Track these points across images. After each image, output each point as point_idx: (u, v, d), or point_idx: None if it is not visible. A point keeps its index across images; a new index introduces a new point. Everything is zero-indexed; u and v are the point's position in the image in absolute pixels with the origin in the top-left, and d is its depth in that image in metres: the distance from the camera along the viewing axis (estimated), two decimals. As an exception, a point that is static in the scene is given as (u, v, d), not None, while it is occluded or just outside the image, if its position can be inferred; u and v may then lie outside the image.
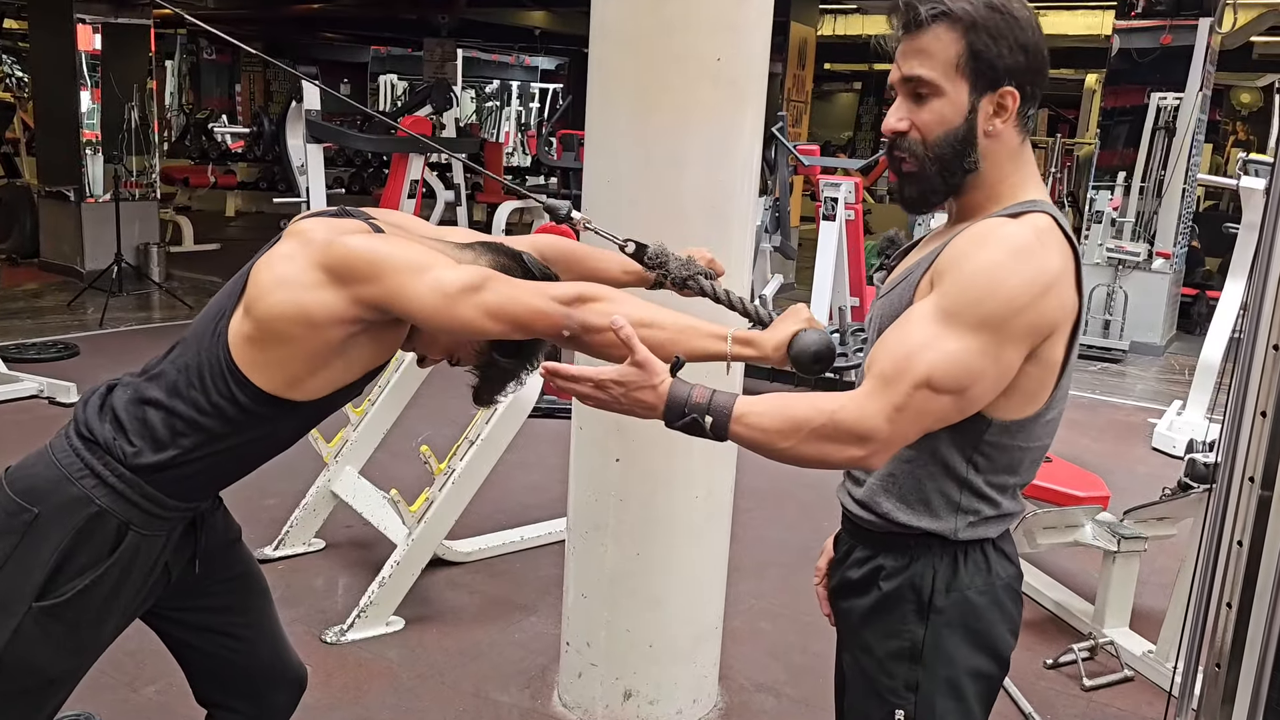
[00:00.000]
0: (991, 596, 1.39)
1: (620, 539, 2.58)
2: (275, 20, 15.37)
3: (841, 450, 1.25)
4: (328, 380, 1.53)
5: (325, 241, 1.46)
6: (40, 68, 9.57)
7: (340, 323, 1.45)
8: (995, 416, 1.32)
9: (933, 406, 1.24)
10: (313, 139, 7.09)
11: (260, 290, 1.46)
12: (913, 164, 1.34)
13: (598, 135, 2.48)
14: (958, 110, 1.30)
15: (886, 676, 1.41)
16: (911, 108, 1.33)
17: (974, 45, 1.28)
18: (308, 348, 1.46)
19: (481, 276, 1.43)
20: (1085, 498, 3.42)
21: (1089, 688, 3.04)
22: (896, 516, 1.38)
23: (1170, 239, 8.30)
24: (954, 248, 1.30)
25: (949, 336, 1.23)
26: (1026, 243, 1.26)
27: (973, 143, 1.31)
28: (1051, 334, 1.28)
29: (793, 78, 10.54)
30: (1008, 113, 1.32)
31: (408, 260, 1.43)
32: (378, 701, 2.80)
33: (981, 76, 1.29)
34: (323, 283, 1.43)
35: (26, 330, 6.91)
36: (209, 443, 1.51)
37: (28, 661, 1.48)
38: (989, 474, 1.36)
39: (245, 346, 1.47)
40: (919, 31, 1.30)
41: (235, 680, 1.79)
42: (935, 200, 1.37)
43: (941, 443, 1.33)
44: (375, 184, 13.02)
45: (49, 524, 1.47)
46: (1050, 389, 1.33)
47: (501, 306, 1.41)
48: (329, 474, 3.70)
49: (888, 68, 1.37)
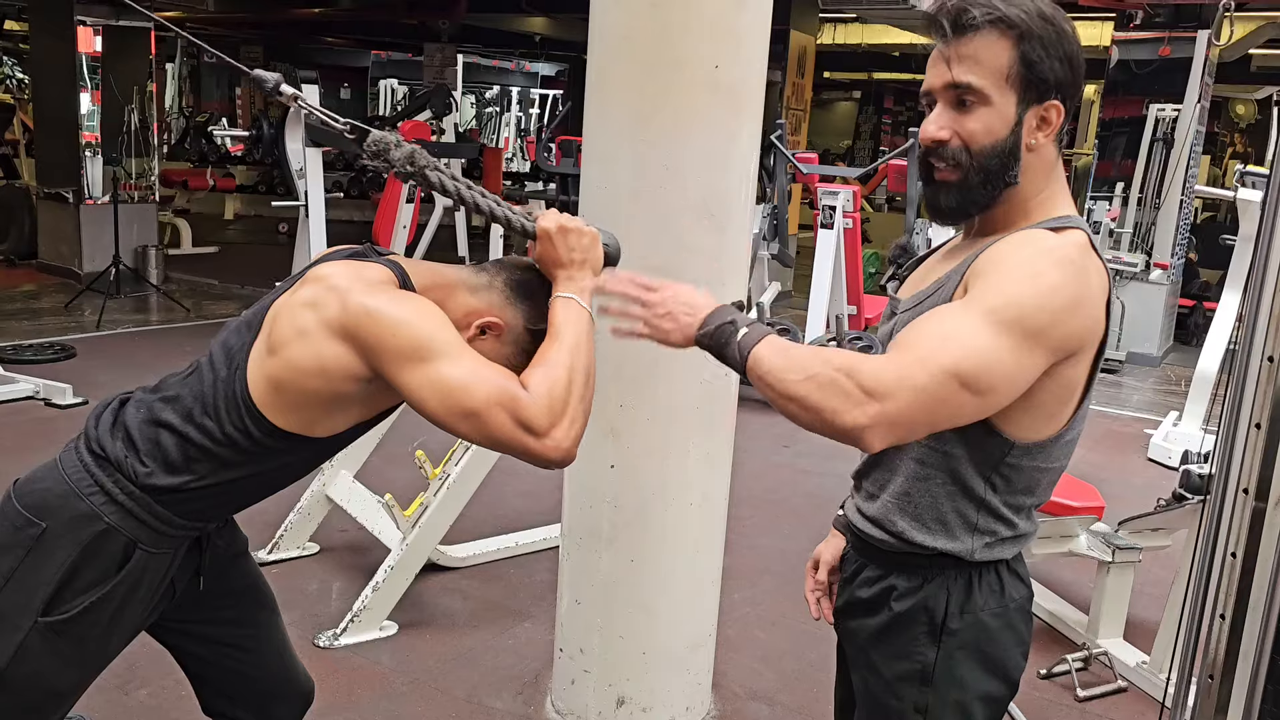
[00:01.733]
0: (1005, 619, 1.37)
1: (615, 545, 2.58)
2: (275, 24, 15.37)
3: (847, 405, 1.16)
4: (344, 420, 1.52)
5: (344, 296, 1.41)
6: (40, 69, 9.58)
7: (354, 379, 1.44)
8: (1017, 438, 1.29)
9: (955, 399, 1.18)
10: (312, 143, 7.09)
11: (282, 338, 1.45)
12: (954, 174, 1.29)
13: (595, 141, 2.49)
14: (1005, 121, 1.26)
15: (895, 699, 1.39)
16: (954, 116, 1.27)
17: (1027, 55, 1.24)
18: (323, 396, 1.46)
19: (484, 401, 1.36)
20: (1080, 508, 3.41)
21: (1082, 698, 3.03)
22: (912, 536, 1.34)
23: (1168, 250, 8.32)
24: (995, 252, 1.26)
25: (986, 332, 1.18)
26: (1069, 256, 1.23)
27: (1017, 156, 1.27)
28: (1077, 352, 1.25)
29: (792, 86, 10.55)
30: (1051, 127, 1.28)
31: (411, 343, 1.38)
32: (370, 707, 2.80)
33: (1031, 88, 1.25)
34: (338, 339, 1.41)
35: (24, 331, 6.90)
36: (221, 469, 1.49)
37: (33, 676, 1.47)
38: (1006, 495, 1.33)
39: (264, 386, 1.46)
40: (969, 36, 1.24)
41: (241, 691, 1.78)
42: (973, 212, 1.32)
43: (960, 462, 1.31)
44: (374, 188, 13.02)
45: (56, 539, 1.45)
46: (1072, 409, 1.30)
47: (494, 437, 1.38)
48: (324, 478, 3.70)
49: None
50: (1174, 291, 8.79)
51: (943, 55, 1.27)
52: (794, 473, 5.03)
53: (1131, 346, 8.28)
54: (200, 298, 8.48)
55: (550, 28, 14.09)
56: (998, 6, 1.23)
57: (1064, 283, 1.21)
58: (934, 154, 1.30)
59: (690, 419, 2.51)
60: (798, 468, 5.11)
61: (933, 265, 1.43)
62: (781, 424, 5.31)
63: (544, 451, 1.37)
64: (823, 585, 1.63)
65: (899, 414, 1.16)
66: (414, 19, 13.49)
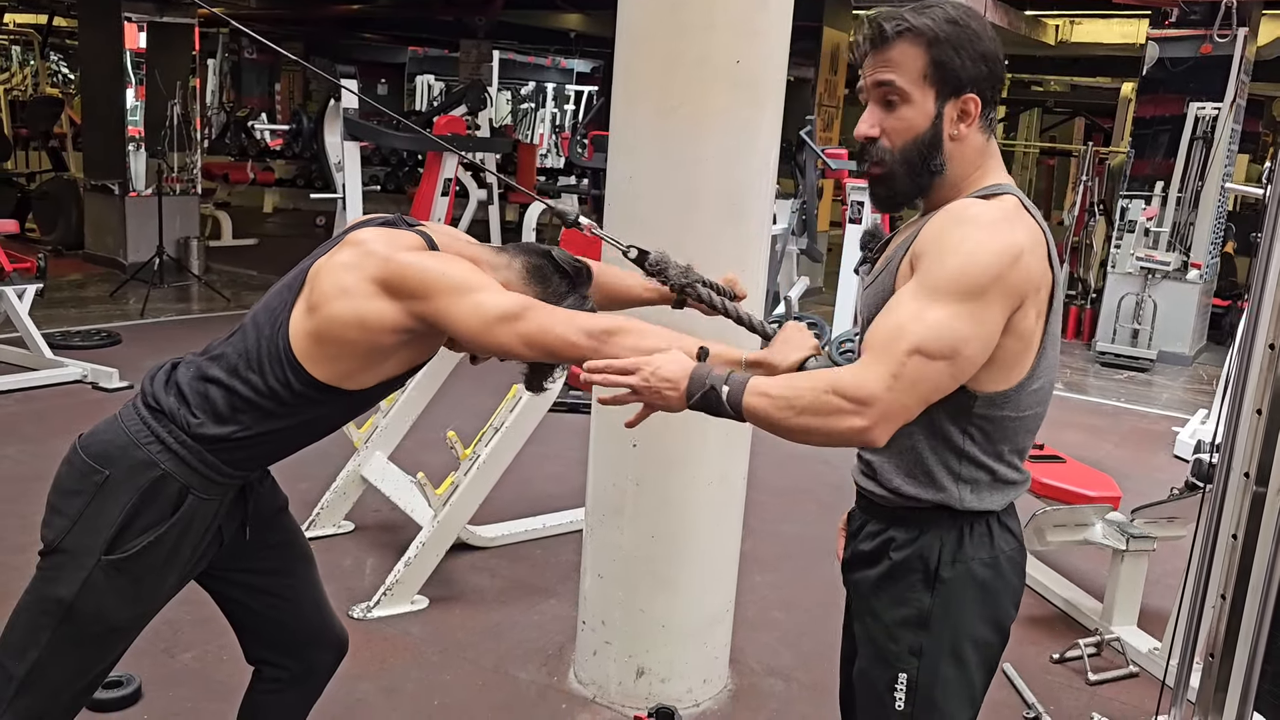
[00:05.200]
0: (995, 569, 1.49)
1: (636, 522, 2.68)
2: (314, 20, 15.61)
3: (843, 420, 1.31)
4: (376, 375, 1.67)
5: (384, 257, 1.59)
6: (88, 65, 9.84)
7: (393, 331, 1.59)
8: (979, 390, 1.41)
9: (928, 372, 1.32)
10: (350, 137, 7.25)
11: (323, 295, 1.60)
12: (880, 169, 1.45)
13: (620, 133, 2.58)
14: (925, 116, 1.41)
15: (893, 642, 1.50)
16: (882, 115, 1.44)
17: (937, 57, 1.39)
18: (362, 349, 1.61)
19: (521, 306, 1.55)
20: (1096, 497, 3.46)
21: (1094, 682, 3.09)
22: (904, 489, 1.47)
23: (1204, 249, 8.27)
24: (929, 229, 1.40)
25: (934, 307, 1.32)
26: (995, 218, 1.37)
27: (938, 146, 1.42)
28: (1023, 303, 1.36)
29: (825, 83, 10.59)
30: (971, 117, 1.42)
31: (455, 281, 1.57)
32: (402, 675, 2.92)
33: (946, 85, 1.40)
34: (380, 295, 1.57)
35: (71, 319, 7.13)
36: (264, 420, 1.64)
37: (95, 609, 1.62)
38: (984, 443, 1.45)
39: (305, 341, 1.61)
40: (887, 47, 1.41)
41: (282, 639, 1.91)
42: (903, 201, 1.48)
43: (938, 418, 1.43)
44: (409, 183, 13.22)
45: (118, 485, 1.60)
46: (1030, 360, 1.42)
47: (535, 336, 1.54)
48: (359, 459, 3.83)
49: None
50: (1208, 290, 8.73)
51: (870, 64, 1.44)
52: (817, 464, 5.10)
53: (1163, 345, 8.24)
54: (239, 288, 8.68)
55: (585, 24, 14.19)
56: (907, 19, 1.40)
57: (992, 239, 1.35)
58: (865, 151, 1.47)
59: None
60: (820, 458, 5.17)
61: (892, 243, 1.57)
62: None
63: (588, 345, 1.52)
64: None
65: (889, 407, 1.32)
66: (450, 15, 13.65)
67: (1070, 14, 11.53)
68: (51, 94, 13.01)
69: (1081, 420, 6.31)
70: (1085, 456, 4.58)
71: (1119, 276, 8.43)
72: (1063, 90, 17.39)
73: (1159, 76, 8.31)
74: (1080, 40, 11.87)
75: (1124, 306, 8.35)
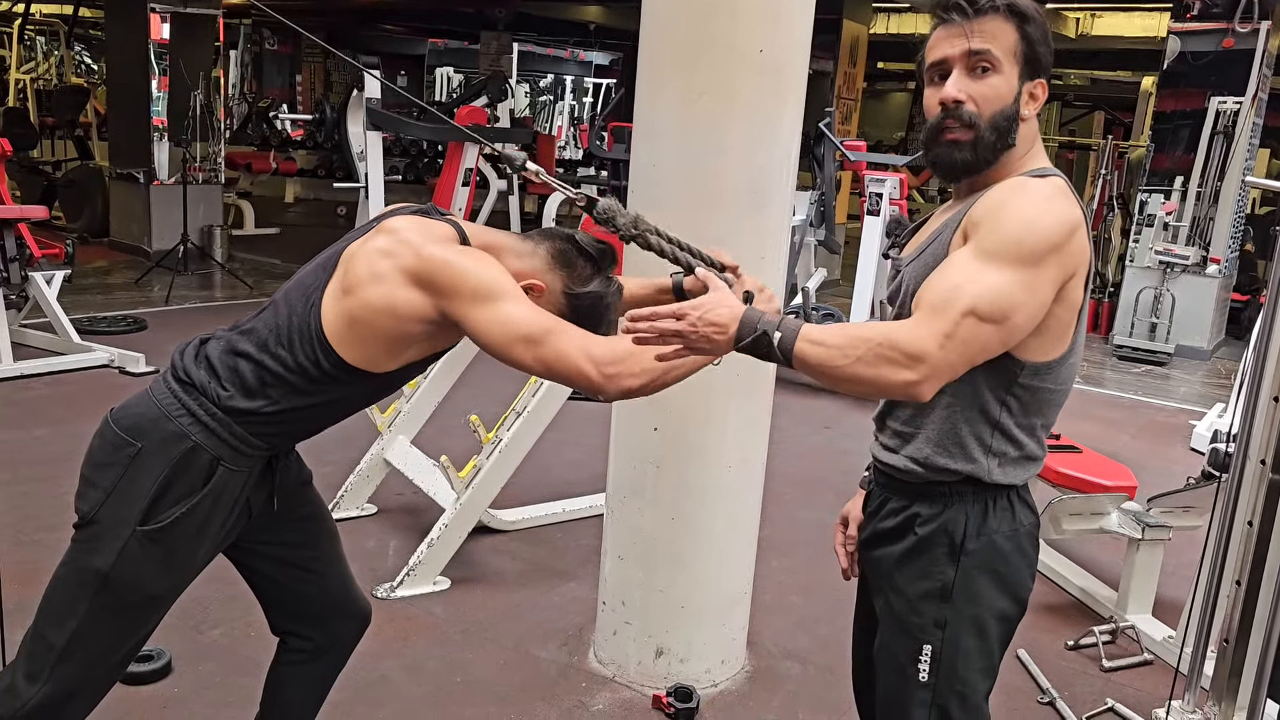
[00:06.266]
0: (1015, 542, 1.53)
1: (656, 504, 2.72)
2: (335, 12, 15.71)
3: (896, 372, 1.33)
4: (401, 359, 1.71)
5: (418, 248, 1.62)
6: (113, 55, 9.95)
7: (421, 321, 1.64)
8: (1027, 359, 1.45)
9: (979, 334, 1.35)
10: (372, 126, 7.31)
11: (357, 280, 1.64)
12: (967, 134, 1.45)
13: (644, 121, 2.62)
14: (1010, 89, 1.45)
15: (916, 615, 1.54)
16: (969, 82, 1.45)
17: (1029, 35, 1.44)
18: (391, 335, 1.65)
19: (543, 330, 1.56)
20: (1112, 486, 3.48)
21: (1108, 669, 3.12)
22: (935, 460, 1.50)
23: (1224, 244, 8.24)
24: (987, 200, 1.43)
25: (991, 271, 1.35)
26: (1053, 193, 1.41)
27: (1016, 122, 1.46)
28: (1074, 274, 1.41)
29: (844, 75, 10.59)
30: (1037, 102, 1.47)
31: (485, 286, 1.59)
32: (424, 652, 2.98)
33: (1028, 64, 1.45)
34: (411, 285, 1.61)
35: (97, 305, 7.23)
36: (292, 395, 1.68)
37: (131, 579, 1.66)
38: (1020, 416, 1.49)
39: (336, 322, 1.65)
40: (986, 16, 1.43)
41: (307, 610, 1.97)
42: (978, 167, 1.48)
43: (978, 386, 1.46)
44: (430, 173, 13.29)
45: (150, 457, 1.64)
46: (1073, 329, 1.47)
47: (551, 363, 1.56)
48: (382, 443, 3.89)
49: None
50: (1227, 285, 8.70)
51: (960, 31, 1.45)
52: (834, 453, 5.14)
53: (1181, 339, 8.22)
54: (262, 276, 8.76)
55: (604, 16, 14.22)
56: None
57: (1052, 209, 1.39)
58: (951, 115, 1.46)
59: (730, 385, 2.64)
60: (838, 448, 5.22)
61: (928, 226, 1.59)
62: (822, 406, 5.48)
63: (598, 379, 1.53)
64: (852, 540, 1.78)
65: (940, 363, 1.34)
66: (470, 7, 13.72)
67: (1091, 6, 11.48)
68: (77, 83, 13.13)
69: (1098, 413, 6.32)
70: (1102, 448, 4.59)
71: (1137, 270, 8.42)
72: (1083, 84, 17.31)
73: (1180, 70, 8.28)
74: (1101, 33, 11.82)
75: (1142, 300, 8.33)
